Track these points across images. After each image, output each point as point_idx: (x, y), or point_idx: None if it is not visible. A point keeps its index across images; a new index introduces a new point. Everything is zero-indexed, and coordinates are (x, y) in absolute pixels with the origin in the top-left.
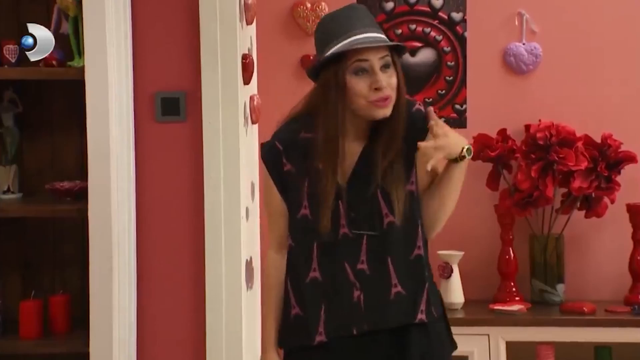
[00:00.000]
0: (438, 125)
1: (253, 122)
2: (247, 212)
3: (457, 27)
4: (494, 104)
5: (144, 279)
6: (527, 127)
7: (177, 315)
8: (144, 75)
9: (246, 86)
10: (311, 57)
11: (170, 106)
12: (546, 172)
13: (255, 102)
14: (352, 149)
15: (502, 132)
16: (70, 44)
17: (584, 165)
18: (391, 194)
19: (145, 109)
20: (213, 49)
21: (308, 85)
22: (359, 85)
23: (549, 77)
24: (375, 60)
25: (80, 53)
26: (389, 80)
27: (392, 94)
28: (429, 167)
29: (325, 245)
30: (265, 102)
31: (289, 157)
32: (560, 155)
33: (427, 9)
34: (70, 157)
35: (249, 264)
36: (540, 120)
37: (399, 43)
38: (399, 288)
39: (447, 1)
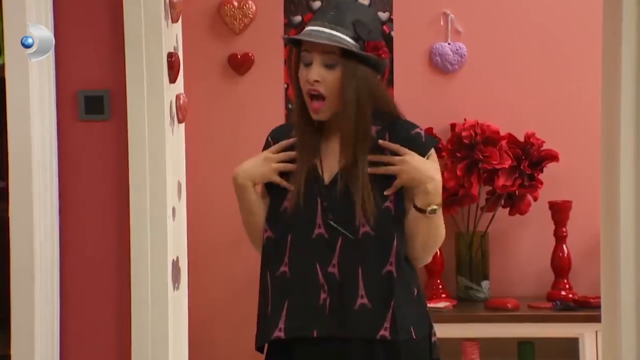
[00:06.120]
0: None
1: (179, 122)
2: (173, 211)
3: (384, 27)
4: (420, 103)
5: (68, 280)
6: (453, 126)
7: (102, 316)
8: (66, 73)
9: (172, 85)
10: (239, 56)
11: (93, 105)
12: (471, 170)
13: (181, 101)
14: (334, 149)
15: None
16: None
17: (507, 163)
18: (354, 196)
19: (68, 108)
20: (138, 47)
21: (235, 84)
22: (300, 73)
23: (473, 76)
24: (317, 54)
25: (1, 50)
26: (326, 77)
27: (326, 93)
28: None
29: (299, 242)
30: (192, 101)
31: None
32: (485, 154)
33: None
34: None
35: (175, 264)
36: (465, 119)
37: (345, 46)
38: (365, 300)
39: (373, 1)
